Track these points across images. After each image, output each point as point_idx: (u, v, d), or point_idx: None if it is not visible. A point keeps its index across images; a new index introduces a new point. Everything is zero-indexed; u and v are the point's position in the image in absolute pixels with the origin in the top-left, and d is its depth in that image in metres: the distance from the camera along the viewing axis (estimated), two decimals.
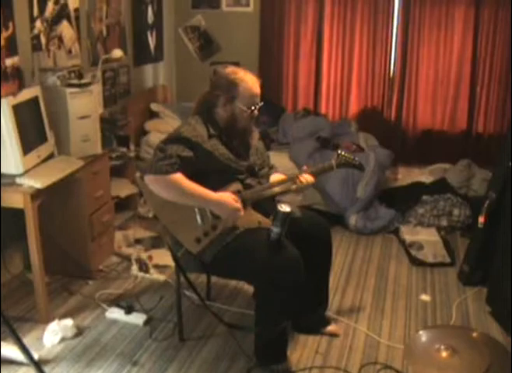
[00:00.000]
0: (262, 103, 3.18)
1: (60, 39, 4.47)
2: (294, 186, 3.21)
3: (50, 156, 3.83)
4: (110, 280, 4.15)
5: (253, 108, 3.12)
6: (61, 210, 3.99)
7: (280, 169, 3.48)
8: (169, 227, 3.11)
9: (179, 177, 2.94)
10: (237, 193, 3.07)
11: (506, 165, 3.80)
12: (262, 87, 3.19)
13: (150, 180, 2.99)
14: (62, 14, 4.48)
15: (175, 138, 3.03)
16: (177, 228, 3.07)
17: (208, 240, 3.00)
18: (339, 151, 3.36)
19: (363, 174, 5.01)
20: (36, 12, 4.15)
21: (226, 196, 3.01)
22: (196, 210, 3.02)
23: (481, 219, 4.03)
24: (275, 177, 3.30)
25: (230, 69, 3.17)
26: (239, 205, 3.01)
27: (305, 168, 3.31)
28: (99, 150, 4.13)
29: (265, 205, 3.13)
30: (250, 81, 3.12)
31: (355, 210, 5.09)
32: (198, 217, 3.01)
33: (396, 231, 5.05)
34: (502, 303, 3.63)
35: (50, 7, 4.31)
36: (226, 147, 3.13)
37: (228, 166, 3.11)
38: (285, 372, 3.11)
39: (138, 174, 4.71)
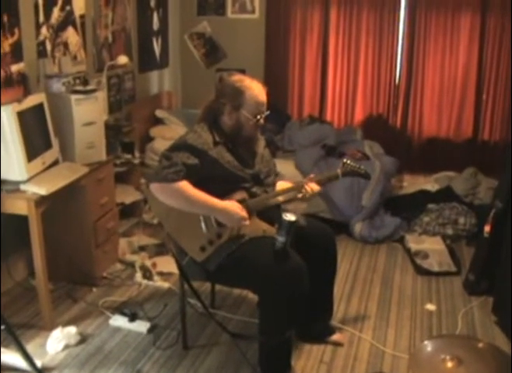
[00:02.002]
0: (268, 112, 3.16)
1: (65, 45, 4.48)
2: (300, 195, 3.19)
3: (55, 163, 3.83)
4: (114, 288, 4.14)
5: (258, 117, 3.10)
6: (65, 216, 3.99)
7: (286, 176, 3.47)
8: (173, 235, 3.10)
9: (184, 185, 2.93)
10: (242, 201, 3.06)
11: None
12: (268, 94, 3.17)
13: (155, 188, 2.98)
14: (68, 20, 4.49)
15: (180, 146, 3.01)
16: (181, 236, 3.06)
17: (213, 248, 2.99)
18: (345, 160, 3.34)
19: (369, 182, 5.00)
20: (41, 18, 4.15)
21: (232, 205, 3.00)
22: (201, 218, 3.01)
23: (487, 228, 4.01)
24: (280, 185, 3.29)
25: (236, 77, 3.16)
26: (244, 214, 3.00)
27: (312, 176, 3.29)
28: (103, 157, 4.13)
29: (271, 213, 3.12)
30: (256, 89, 3.10)
31: (360, 218, 5.07)
32: (203, 226, 3.00)
33: (401, 240, 5.02)
34: (508, 313, 3.61)
35: (55, 13, 4.31)
36: (232, 154, 3.11)
37: (233, 174, 3.09)
38: None
39: (143, 181, 4.74)
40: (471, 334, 3.66)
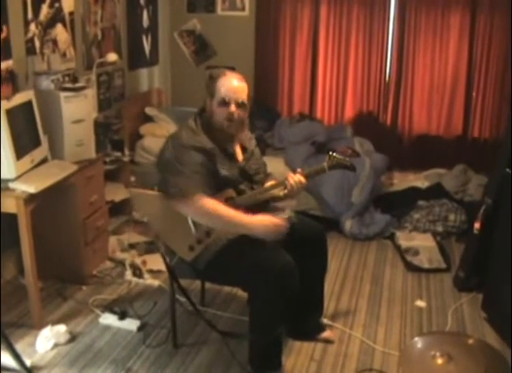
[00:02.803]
0: (241, 101, 3.05)
1: (54, 42, 4.45)
2: (286, 191, 3.17)
3: (44, 161, 3.80)
4: (104, 286, 4.13)
5: (227, 99, 3.01)
6: (54, 214, 3.97)
7: (275, 174, 3.45)
8: (162, 235, 3.08)
9: (212, 203, 2.90)
10: (230, 199, 3.04)
11: (503, 172, 3.78)
12: (258, 91, 3.15)
13: (181, 207, 2.95)
14: (57, 17, 4.47)
15: (184, 152, 2.95)
16: (170, 236, 3.05)
17: (202, 247, 2.98)
18: (330, 153, 3.31)
19: (359, 179, 5.01)
20: (30, 15, 4.13)
21: (264, 219, 2.95)
22: (189, 217, 2.99)
23: (477, 225, 4.02)
24: (268, 183, 3.28)
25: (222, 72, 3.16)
26: (277, 222, 2.95)
27: (299, 170, 3.25)
28: (93, 154, 4.11)
29: (258, 211, 3.10)
30: (229, 77, 3.06)
31: (350, 215, 5.08)
32: (191, 225, 2.99)
33: (391, 237, 5.03)
34: (498, 309, 3.62)
35: (44, 10, 4.29)
36: (220, 149, 3.09)
37: (221, 168, 3.06)
38: None
39: (133, 179, 4.71)
40: (461, 330, 3.67)
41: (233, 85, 3.05)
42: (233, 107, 3.03)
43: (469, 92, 6.32)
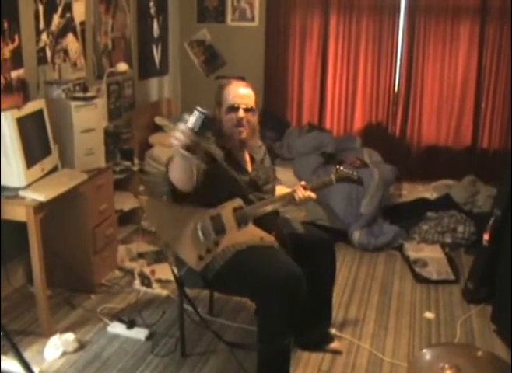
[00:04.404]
0: (250, 106, 3.09)
1: (65, 52, 4.49)
2: (294, 201, 3.18)
3: (54, 169, 3.82)
4: (113, 295, 4.13)
5: (236, 105, 3.05)
6: (64, 223, 3.98)
7: (284, 184, 3.46)
8: (171, 245, 3.08)
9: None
10: (239, 208, 3.04)
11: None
12: (267, 102, 3.16)
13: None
14: (68, 27, 4.50)
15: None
16: (178, 246, 3.04)
17: (211, 257, 2.98)
18: (338, 166, 3.33)
19: (367, 190, 5.00)
20: (42, 25, 4.16)
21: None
22: (198, 226, 2.99)
23: (486, 236, 4.01)
24: (279, 190, 3.29)
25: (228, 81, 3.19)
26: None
27: (303, 183, 3.25)
28: (103, 163, 4.13)
29: (267, 221, 3.11)
30: (235, 84, 3.12)
31: (359, 226, 5.07)
32: (200, 234, 2.99)
33: (400, 248, 5.02)
34: (507, 321, 3.60)
35: (56, 20, 4.32)
36: (229, 158, 3.11)
37: (231, 179, 3.08)
38: None
39: (142, 188, 4.70)
40: (469, 342, 3.65)
41: (240, 92, 3.10)
42: (241, 112, 3.06)
43: (478, 103, 6.32)
